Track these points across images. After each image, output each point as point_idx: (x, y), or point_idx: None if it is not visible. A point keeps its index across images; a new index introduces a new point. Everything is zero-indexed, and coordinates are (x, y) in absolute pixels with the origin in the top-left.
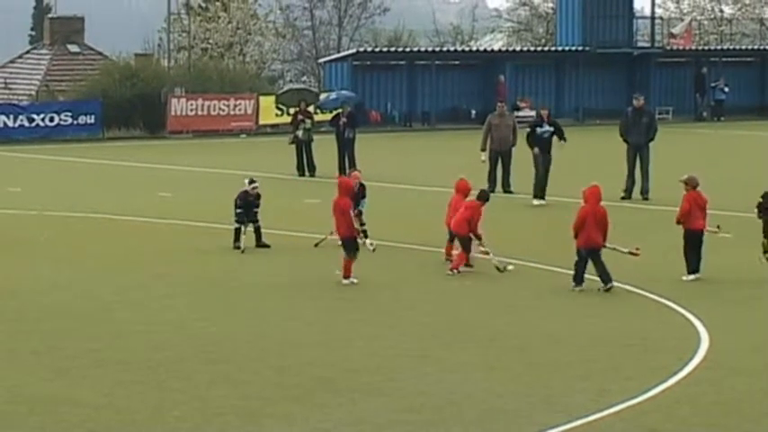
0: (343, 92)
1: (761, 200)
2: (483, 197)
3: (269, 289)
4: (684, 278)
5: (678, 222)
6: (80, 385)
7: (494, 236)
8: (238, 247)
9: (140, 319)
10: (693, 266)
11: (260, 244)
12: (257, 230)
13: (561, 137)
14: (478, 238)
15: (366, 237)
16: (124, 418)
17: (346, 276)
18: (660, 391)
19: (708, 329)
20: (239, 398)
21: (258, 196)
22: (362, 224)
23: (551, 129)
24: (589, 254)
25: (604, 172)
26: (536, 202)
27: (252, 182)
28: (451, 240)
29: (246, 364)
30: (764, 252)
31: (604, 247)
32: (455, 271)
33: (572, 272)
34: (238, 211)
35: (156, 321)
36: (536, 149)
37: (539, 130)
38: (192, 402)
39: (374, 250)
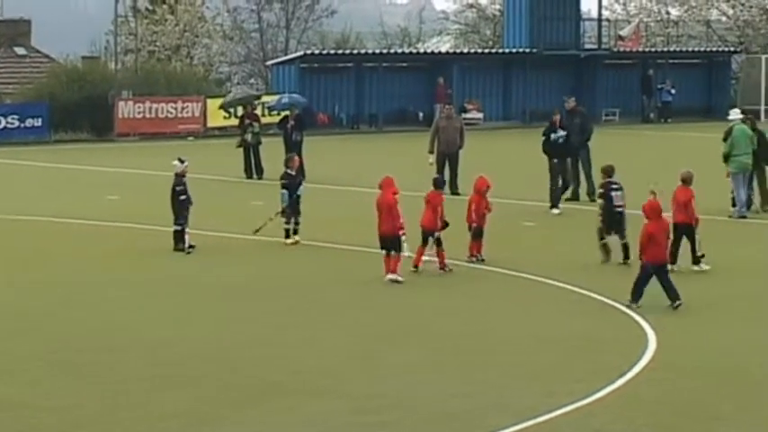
0: (294, 95)
1: (601, 190)
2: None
3: (218, 291)
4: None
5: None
6: (28, 388)
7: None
8: (182, 249)
9: (89, 322)
10: (692, 259)
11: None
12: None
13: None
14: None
15: (296, 233)
16: (72, 421)
17: (392, 272)
18: (608, 392)
19: (655, 330)
20: (189, 400)
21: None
22: (297, 223)
23: (565, 133)
24: (657, 270)
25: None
26: (555, 211)
27: (182, 161)
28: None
29: (196, 366)
30: (600, 238)
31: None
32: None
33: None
34: (182, 198)
35: (105, 324)
36: (555, 160)
37: (553, 136)
38: (141, 405)
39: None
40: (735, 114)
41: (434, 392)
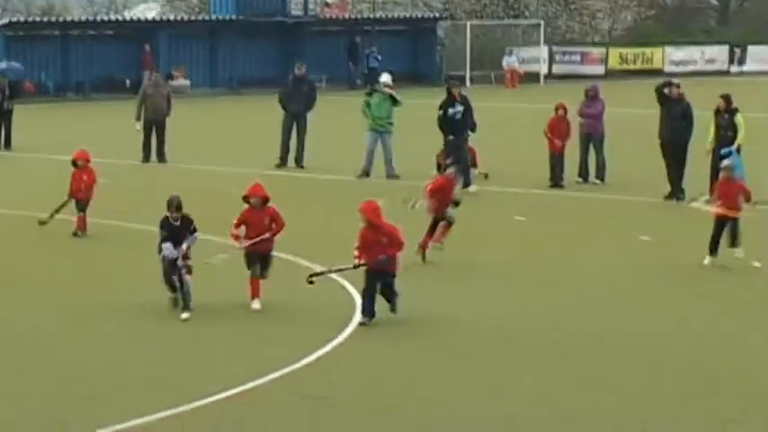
0: (13, 63)
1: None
2: None
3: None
4: None
5: None
6: None
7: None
8: None
9: None
10: None
11: None
12: None
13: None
14: None
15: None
16: None
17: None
18: (315, 358)
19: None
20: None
21: None
22: None
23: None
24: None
25: (259, 141)
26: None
27: None
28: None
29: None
30: None
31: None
32: None
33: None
34: None
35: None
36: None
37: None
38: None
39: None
40: (385, 77)
41: (137, 361)
